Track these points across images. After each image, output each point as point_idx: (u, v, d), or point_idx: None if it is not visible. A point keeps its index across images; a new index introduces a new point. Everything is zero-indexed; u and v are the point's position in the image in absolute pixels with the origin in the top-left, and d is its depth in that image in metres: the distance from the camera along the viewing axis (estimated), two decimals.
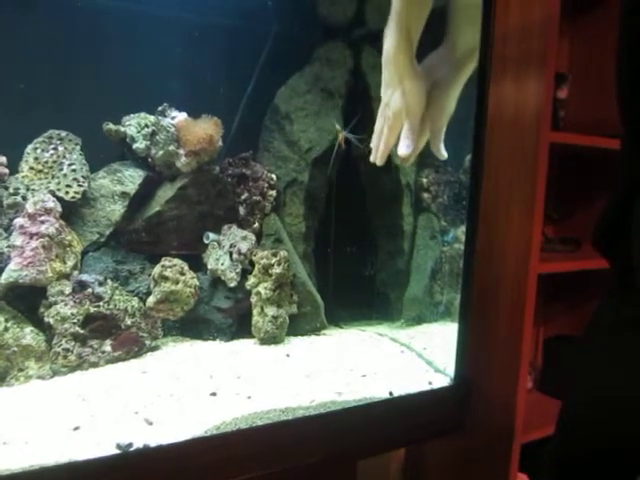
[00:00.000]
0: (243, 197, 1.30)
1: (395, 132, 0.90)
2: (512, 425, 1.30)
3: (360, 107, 1.34)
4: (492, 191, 1.36)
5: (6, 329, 0.98)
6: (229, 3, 1.28)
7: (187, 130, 1.21)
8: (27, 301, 1.05)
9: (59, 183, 1.14)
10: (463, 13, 0.99)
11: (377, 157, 0.93)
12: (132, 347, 1.10)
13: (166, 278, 1.17)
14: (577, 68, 1.71)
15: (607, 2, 1.63)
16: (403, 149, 0.88)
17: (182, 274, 1.19)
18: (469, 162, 1.14)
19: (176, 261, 1.20)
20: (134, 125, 1.21)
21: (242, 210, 1.31)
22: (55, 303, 1.04)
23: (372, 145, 0.96)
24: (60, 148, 1.16)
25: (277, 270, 1.22)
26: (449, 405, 1.08)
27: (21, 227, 1.03)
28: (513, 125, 1.32)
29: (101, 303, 1.07)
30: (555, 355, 1.68)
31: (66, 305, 1.04)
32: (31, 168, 1.14)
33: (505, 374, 1.32)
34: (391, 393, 1.01)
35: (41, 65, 1.17)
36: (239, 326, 1.27)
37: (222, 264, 1.24)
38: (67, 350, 1.02)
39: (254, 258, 1.25)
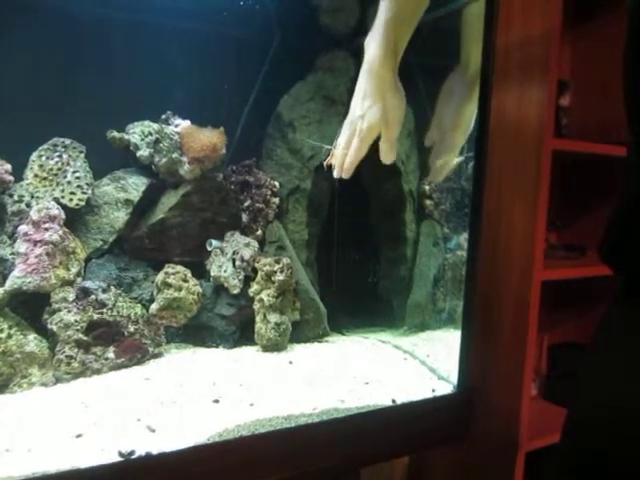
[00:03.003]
0: (246, 204, 1.30)
1: (367, 145, 0.87)
2: (517, 433, 1.30)
3: None
4: (495, 198, 1.36)
5: (9, 336, 0.98)
6: (232, 13, 1.29)
7: (191, 137, 1.21)
8: (31, 308, 1.05)
9: (63, 190, 1.14)
10: (473, 34, 0.99)
11: (344, 171, 0.89)
12: (135, 354, 1.10)
13: (169, 285, 1.17)
14: (579, 75, 1.71)
15: (608, 9, 1.64)
16: (388, 158, 0.86)
17: (185, 281, 1.19)
18: (471, 169, 1.15)
19: (179, 268, 1.20)
20: (138, 133, 1.22)
21: (245, 217, 1.31)
22: (58, 310, 1.05)
23: (333, 161, 0.92)
24: (64, 156, 1.17)
25: (280, 277, 1.22)
26: (453, 412, 1.07)
27: (25, 234, 1.04)
28: (516, 132, 1.32)
29: (104, 310, 1.07)
30: (560, 363, 1.67)
31: (69, 312, 1.04)
32: (35, 175, 1.14)
33: (509, 381, 1.32)
34: (394, 400, 1.00)
35: (46, 73, 1.18)
36: (242, 333, 1.26)
37: (225, 271, 1.24)
38: (70, 357, 1.02)
39: (257, 265, 1.26)
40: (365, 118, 0.85)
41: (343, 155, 0.90)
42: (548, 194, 1.27)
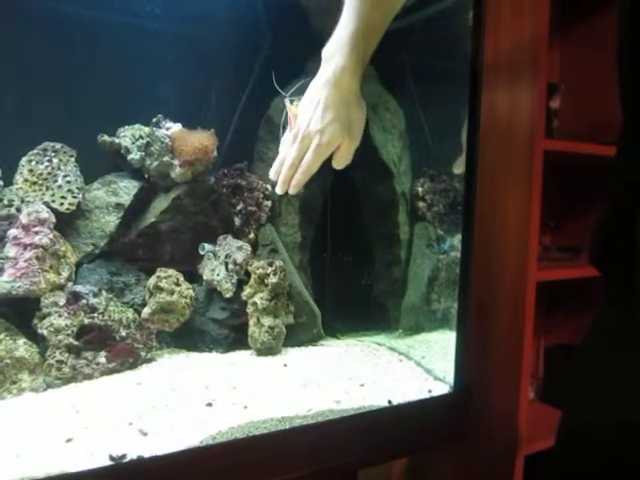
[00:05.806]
0: (238, 207, 1.30)
1: (321, 160, 0.83)
2: (515, 436, 1.28)
3: None
4: (488, 199, 1.36)
5: None
6: (223, 15, 1.29)
7: (182, 140, 1.21)
8: (20, 313, 1.04)
9: (54, 195, 1.13)
10: None
11: (291, 187, 0.85)
12: (127, 358, 1.08)
13: (161, 289, 1.16)
14: (569, 79, 1.72)
15: (596, 12, 1.65)
16: (343, 165, 0.84)
17: (177, 285, 1.18)
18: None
19: (171, 272, 1.19)
20: (129, 136, 1.21)
21: (237, 220, 1.30)
22: (49, 314, 1.03)
23: (280, 176, 0.86)
24: (55, 160, 1.16)
25: (273, 280, 1.21)
26: (449, 412, 1.06)
27: (15, 238, 1.03)
28: (507, 134, 1.32)
29: (95, 314, 1.06)
30: (557, 365, 1.66)
31: (60, 316, 1.03)
32: (25, 180, 1.13)
33: (506, 384, 1.31)
34: (390, 401, 0.99)
35: (36, 77, 1.17)
36: (235, 337, 1.25)
37: (218, 275, 1.23)
38: (61, 362, 1.00)
39: (250, 268, 1.24)
40: (326, 132, 0.80)
41: (292, 170, 0.85)
42: (541, 194, 1.27)
